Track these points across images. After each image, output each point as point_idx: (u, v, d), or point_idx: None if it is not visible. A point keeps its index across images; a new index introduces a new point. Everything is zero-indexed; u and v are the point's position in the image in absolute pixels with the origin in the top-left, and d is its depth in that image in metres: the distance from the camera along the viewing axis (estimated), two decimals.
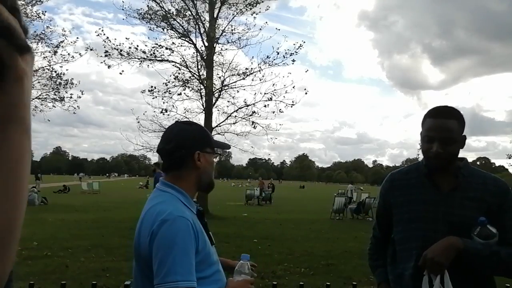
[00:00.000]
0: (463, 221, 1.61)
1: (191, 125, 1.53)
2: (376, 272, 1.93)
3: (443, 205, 1.66)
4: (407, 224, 1.71)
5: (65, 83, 17.03)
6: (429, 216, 1.66)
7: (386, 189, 1.86)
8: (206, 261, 1.38)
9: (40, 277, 5.43)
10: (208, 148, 1.49)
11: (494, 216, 1.59)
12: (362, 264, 7.01)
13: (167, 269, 1.25)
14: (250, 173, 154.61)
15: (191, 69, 15.29)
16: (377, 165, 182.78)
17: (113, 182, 61.72)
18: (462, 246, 1.54)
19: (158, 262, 1.27)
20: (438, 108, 1.69)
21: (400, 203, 1.77)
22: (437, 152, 1.61)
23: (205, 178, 1.49)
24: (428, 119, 1.68)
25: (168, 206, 1.36)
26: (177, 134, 1.47)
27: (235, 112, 15.42)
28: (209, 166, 1.49)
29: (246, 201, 23.88)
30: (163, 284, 1.25)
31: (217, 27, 15.21)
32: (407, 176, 1.81)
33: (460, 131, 1.66)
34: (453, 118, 1.64)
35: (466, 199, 1.64)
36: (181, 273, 1.25)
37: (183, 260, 1.26)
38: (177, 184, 1.45)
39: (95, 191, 29.96)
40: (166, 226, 1.29)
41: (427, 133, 1.65)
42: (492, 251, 1.54)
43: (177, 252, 1.26)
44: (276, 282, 3.15)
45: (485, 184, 1.66)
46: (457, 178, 1.67)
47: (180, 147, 1.44)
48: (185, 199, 1.44)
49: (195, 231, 1.34)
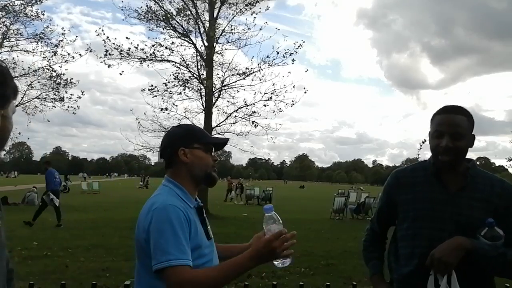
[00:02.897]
0: (470, 221, 1.60)
1: (180, 127, 1.69)
2: (370, 264, 1.92)
3: (450, 204, 1.65)
4: (413, 222, 1.70)
5: (65, 83, 17.03)
6: (436, 215, 1.65)
7: (391, 185, 1.85)
8: (196, 251, 1.44)
9: (40, 277, 5.43)
10: (196, 144, 1.59)
11: (501, 218, 1.59)
12: (362, 264, 6.98)
13: (161, 251, 1.35)
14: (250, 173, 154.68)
15: (191, 69, 15.31)
16: (377, 165, 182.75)
17: (113, 182, 61.74)
18: (470, 247, 1.53)
19: (153, 246, 1.38)
20: (447, 105, 1.72)
21: (406, 201, 1.76)
22: (447, 146, 1.61)
23: (197, 171, 1.58)
24: (437, 116, 1.70)
25: (162, 197, 1.48)
26: (166, 136, 1.66)
27: (235, 112, 15.44)
28: (198, 160, 1.58)
29: (246, 201, 23.89)
30: (157, 264, 1.35)
31: (217, 27, 15.21)
32: (413, 174, 1.80)
33: (469, 128, 1.67)
34: (462, 114, 1.66)
35: (474, 199, 1.64)
36: (173, 253, 1.34)
37: (175, 241, 1.35)
38: (175, 180, 1.57)
39: (95, 191, 29.98)
40: (157, 212, 1.40)
41: (437, 127, 1.67)
42: (499, 253, 1.54)
43: (169, 234, 1.36)
44: (276, 282, 3.15)
45: (492, 186, 1.66)
46: (465, 178, 1.67)
47: (166, 146, 1.61)
48: (183, 193, 1.54)
49: (187, 220, 1.43)
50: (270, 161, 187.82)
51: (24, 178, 64.00)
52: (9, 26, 16.56)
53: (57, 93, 17.21)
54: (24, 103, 17.34)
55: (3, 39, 16.62)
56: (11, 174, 72.54)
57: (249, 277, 5.78)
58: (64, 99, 17.25)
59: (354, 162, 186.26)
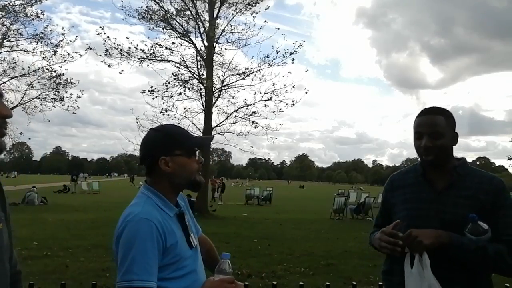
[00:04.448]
0: (455, 219, 1.63)
1: (158, 131, 1.53)
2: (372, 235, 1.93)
3: (436, 203, 1.69)
4: (402, 222, 1.73)
5: (65, 83, 17.03)
6: (422, 214, 1.70)
7: (387, 190, 1.93)
8: (177, 262, 1.41)
9: (40, 277, 5.43)
10: (177, 151, 1.48)
11: (488, 214, 1.61)
12: (362, 264, 7.01)
13: (125, 268, 1.29)
14: (250, 173, 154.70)
15: (191, 69, 15.33)
16: (377, 165, 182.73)
17: (113, 182, 61.76)
18: (447, 240, 1.58)
19: (119, 261, 1.33)
20: (426, 108, 1.79)
21: (397, 202, 1.82)
22: (426, 146, 1.68)
23: (179, 180, 1.49)
24: (417, 118, 1.76)
25: (137, 208, 1.40)
26: (144, 143, 1.52)
27: (235, 112, 15.46)
28: (181, 168, 1.48)
29: (246, 201, 23.89)
30: (119, 282, 1.30)
31: (216, 27, 15.21)
32: (405, 176, 1.88)
33: (449, 127, 1.71)
34: (440, 114, 1.72)
35: (460, 197, 1.67)
36: (137, 273, 1.28)
37: (141, 260, 1.30)
38: (155, 187, 1.48)
39: (95, 191, 30.00)
40: (128, 227, 1.34)
41: (417, 129, 1.74)
42: (478, 246, 1.56)
43: (136, 252, 1.30)
44: (276, 282, 3.15)
45: (480, 183, 1.68)
46: (452, 176, 1.71)
47: (145, 155, 1.50)
48: (162, 202, 1.46)
49: (161, 233, 1.36)
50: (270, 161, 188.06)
51: (24, 178, 64.03)
52: (9, 26, 16.58)
53: (57, 93, 17.23)
54: (24, 103, 17.38)
55: (3, 39, 16.63)
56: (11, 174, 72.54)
57: (249, 277, 5.78)
58: (64, 99, 17.27)
59: (354, 162, 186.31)
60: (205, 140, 1.81)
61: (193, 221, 1.65)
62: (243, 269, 6.19)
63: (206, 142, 1.71)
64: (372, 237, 1.89)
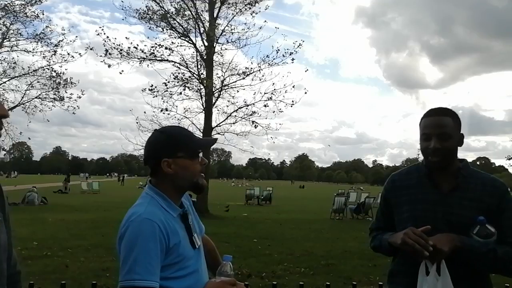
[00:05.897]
0: (462, 221, 1.64)
1: (162, 132, 1.54)
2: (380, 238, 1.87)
3: (442, 204, 1.69)
4: (406, 223, 1.72)
5: (65, 82, 17.05)
6: (428, 216, 1.69)
7: (388, 190, 1.90)
8: (180, 262, 1.42)
9: (40, 277, 5.43)
10: (180, 153, 1.48)
11: (493, 216, 1.62)
12: (362, 264, 7.01)
13: (128, 268, 1.31)
14: (250, 173, 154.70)
15: (191, 69, 15.33)
16: (377, 165, 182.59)
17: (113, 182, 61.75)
18: (459, 244, 1.58)
19: (122, 261, 1.35)
20: (433, 108, 1.77)
21: (401, 203, 1.80)
22: (435, 147, 1.66)
23: (182, 182, 1.50)
24: (424, 119, 1.75)
25: (141, 208, 1.42)
26: (147, 144, 1.54)
27: (235, 112, 15.46)
28: (183, 170, 1.49)
29: (246, 201, 23.89)
30: (121, 281, 1.32)
31: (216, 27, 15.22)
32: (407, 176, 1.85)
33: (456, 128, 1.70)
34: (448, 115, 1.70)
35: (465, 199, 1.67)
36: (139, 273, 1.30)
37: (143, 260, 1.31)
38: (158, 187, 1.50)
39: (95, 191, 30.00)
40: (131, 227, 1.36)
41: (424, 130, 1.72)
42: (489, 249, 1.57)
43: (138, 252, 1.32)
44: (276, 282, 3.15)
45: (484, 185, 1.69)
46: (457, 178, 1.70)
47: (149, 157, 1.52)
48: (165, 202, 1.48)
49: (164, 233, 1.37)
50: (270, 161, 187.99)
51: (24, 178, 64.03)
52: (9, 26, 16.59)
53: (57, 93, 17.25)
54: (24, 103, 17.38)
55: (3, 39, 16.65)
56: (11, 174, 72.55)
57: (249, 277, 5.78)
58: (64, 98, 17.29)
59: (354, 162, 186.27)
60: (209, 142, 1.80)
61: (197, 220, 1.66)
62: (243, 269, 6.19)
63: (209, 144, 1.71)
64: (381, 237, 1.84)
